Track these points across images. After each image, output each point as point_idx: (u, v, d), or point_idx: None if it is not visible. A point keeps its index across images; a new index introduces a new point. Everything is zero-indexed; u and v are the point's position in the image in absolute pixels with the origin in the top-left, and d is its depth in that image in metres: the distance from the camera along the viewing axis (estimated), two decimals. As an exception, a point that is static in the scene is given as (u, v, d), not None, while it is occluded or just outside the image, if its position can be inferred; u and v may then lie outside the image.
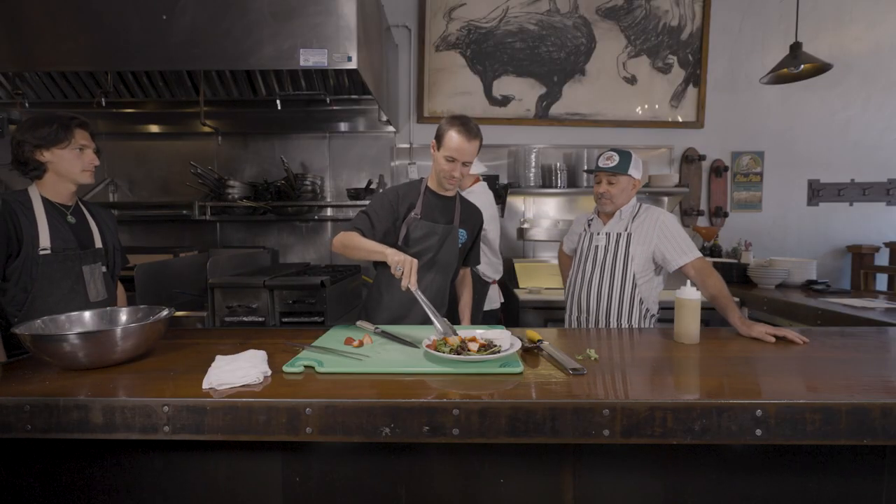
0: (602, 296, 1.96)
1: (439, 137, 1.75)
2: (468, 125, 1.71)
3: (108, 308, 1.45)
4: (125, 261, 1.92)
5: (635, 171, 1.92)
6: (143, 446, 1.17)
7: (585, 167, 3.31)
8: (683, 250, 1.83)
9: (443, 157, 1.74)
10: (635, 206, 1.99)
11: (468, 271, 2.13)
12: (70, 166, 1.59)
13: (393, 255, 1.51)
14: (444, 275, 1.89)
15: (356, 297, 3.03)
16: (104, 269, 1.71)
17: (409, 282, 1.46)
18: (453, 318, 1.99)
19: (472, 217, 1.98)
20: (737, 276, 3.18)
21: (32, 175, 1.58)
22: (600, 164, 1.93)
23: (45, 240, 1.54)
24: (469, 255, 2.02)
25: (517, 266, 3.40)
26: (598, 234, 2.01)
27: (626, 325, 1.94)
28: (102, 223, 1.77)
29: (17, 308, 1.53)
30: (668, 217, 1.91)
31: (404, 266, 1.47)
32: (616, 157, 1.90)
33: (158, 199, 3.52)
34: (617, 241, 1.96)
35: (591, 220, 2.10)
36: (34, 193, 1.58)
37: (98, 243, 1.71)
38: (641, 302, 1.93)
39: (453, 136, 1.70)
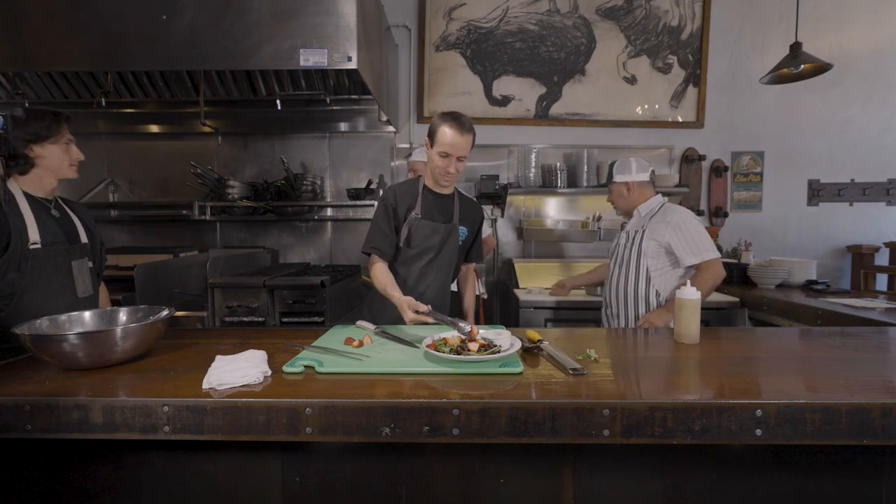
0: (620, 291, 2.05)
1: (432, 134, 1.75)
2: (460, 120, 1.71)
3: (108, 308, 1.45)
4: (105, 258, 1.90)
5: (620, 176, 2.06)
6: (143, 446, 1.17)
7: (585, 167, 3.33)
8: (692, 251, 1.90)
9: (437, 153, 1.74)
10: (655, 205, 2.05)
11: (472, 268, 2.12)
12: (59, 161, 1.60)
13: (400, 302, 1.58)
14: (445, 273, 1.89)
15: (356, 297, 3.03)
16: (90, 264, 1.70)
17: (407, 318, 1.52)
18: (456, 317, 2.01)
19: (473, 213, 1.97)
20: (737, 276, 3.18)
21: (20, 170, 1.57)
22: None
23: (34, 234, 1.52)
24: (471, 251, 2.01)
25: (517, 266, 3.40)
26: (622, 233, 2.14)
27: None
28: (85, 217, 1.76)
29: (5, 303, 1.48)
30: (684, 216, 1.95)
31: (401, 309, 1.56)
32: (606, 171, 2.11)
33: (158, 199, 3.52)
34: (633, 238, 2.05)
35: (625, 222, 2.22)
36: (14, 188, 1.55)
37: (84, 238, 1.70)
38: (658, 294, 1.98)
39: (446, 132, 1.70)
